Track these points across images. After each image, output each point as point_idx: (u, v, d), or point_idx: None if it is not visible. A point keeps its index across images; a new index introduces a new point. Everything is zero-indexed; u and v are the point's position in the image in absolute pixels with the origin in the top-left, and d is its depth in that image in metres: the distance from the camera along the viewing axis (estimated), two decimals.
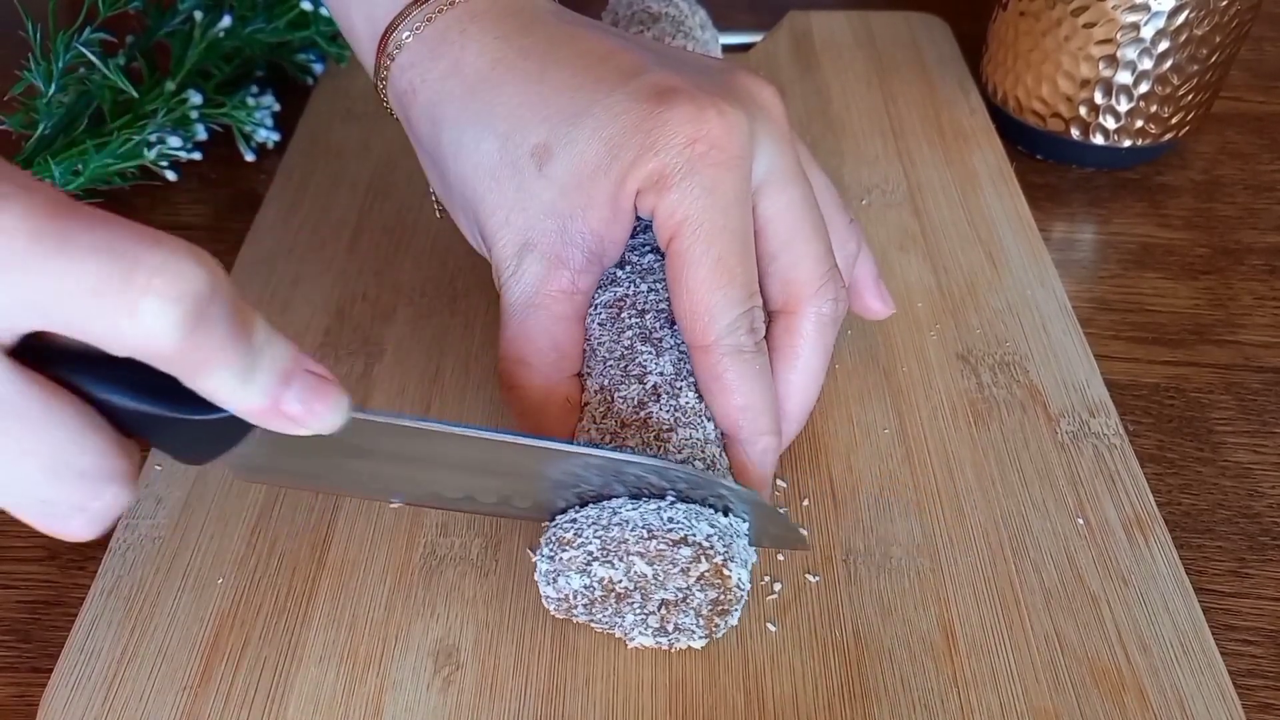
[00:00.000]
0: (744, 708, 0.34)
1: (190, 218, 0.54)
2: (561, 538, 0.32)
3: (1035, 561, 0.38)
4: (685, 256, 0.33)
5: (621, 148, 0.33)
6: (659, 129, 0.32)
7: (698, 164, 0.32)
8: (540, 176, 0.34)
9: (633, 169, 0.33)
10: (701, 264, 0.32)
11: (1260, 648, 0.37)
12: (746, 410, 0.34)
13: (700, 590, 0.32)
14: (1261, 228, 0.54)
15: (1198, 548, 0.40)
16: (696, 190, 0.32)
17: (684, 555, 0.31)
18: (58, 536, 0.26)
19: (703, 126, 0.32)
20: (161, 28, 0.55)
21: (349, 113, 0.59)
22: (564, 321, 0.35)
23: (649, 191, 0.33)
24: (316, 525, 0.39)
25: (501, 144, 0.34)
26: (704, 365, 0.34)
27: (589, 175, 0.33)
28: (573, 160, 0.33)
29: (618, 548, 0.32)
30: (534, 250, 0.34)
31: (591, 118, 0.33)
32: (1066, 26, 0.52)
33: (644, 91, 0.33)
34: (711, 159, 0.32)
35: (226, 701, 0.34)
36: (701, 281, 0.33)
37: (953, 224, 0.51)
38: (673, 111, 0.32)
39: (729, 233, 0.33)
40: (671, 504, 0.32)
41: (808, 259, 0.35)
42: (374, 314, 0.47)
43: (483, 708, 0.34)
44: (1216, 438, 0.43)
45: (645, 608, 0.33)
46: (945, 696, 0.34)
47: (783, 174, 0.34)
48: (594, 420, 0.36)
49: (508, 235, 0.35)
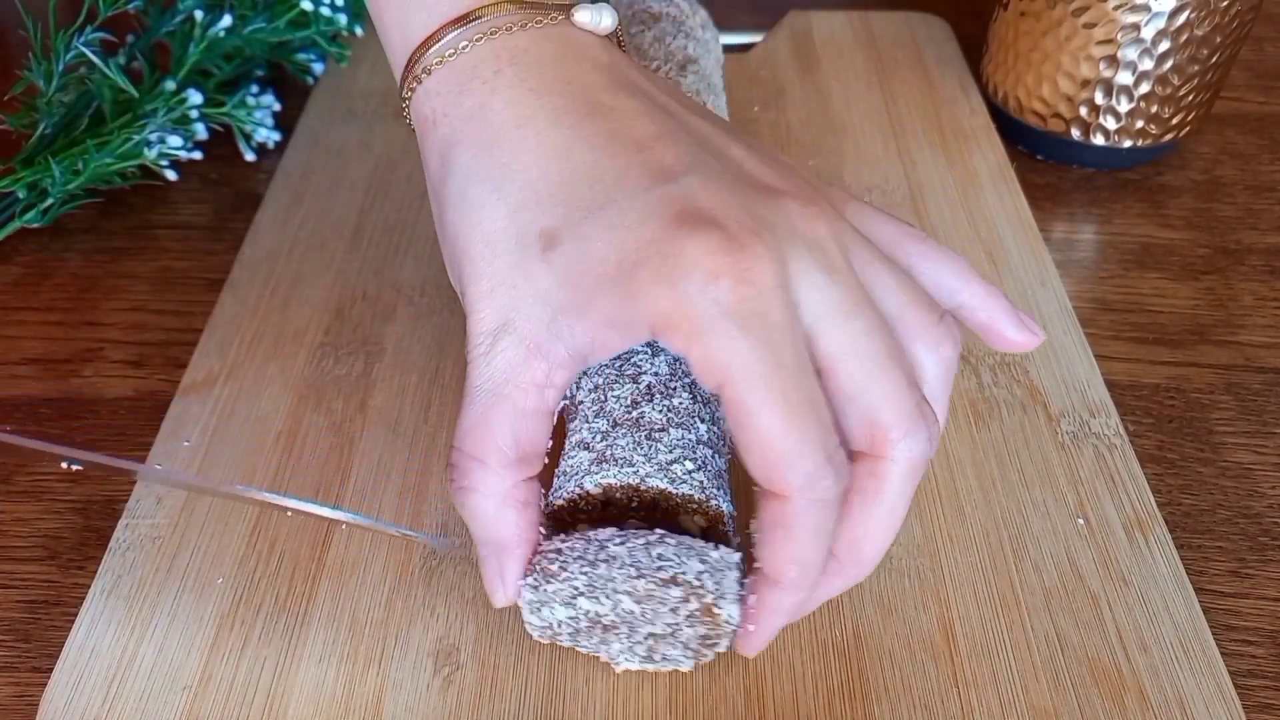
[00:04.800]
0: (744, 708, 0.34)
1: (190, 217, 0.54)
2: (547, 569, 0.32)
3: (1035, 561, 0.38)
4: (745, 405, 0.28)
5: (634, 267, 0.29)
6: (675, 257, 0.28)
7: (725, 302, 0.28)
8: (542, 261, 0.30)
9: (646, 299, 0.29)
10: (765, 410, 0.28)
11: (1260, 648, 0.37)
12: (802, 565, 0.30)
13: (689, 626, 0.32)
14: (1262, 228, 0.54)
15: (1198, 548, 0.40)
16: (733, 331, 0.28)
17: (673, 595, 0.31)
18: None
19: (726, 259, 0.28)
20: (161, 27, 0.55)
21: (349, 113, 0.59)
22: (530, 417, 0.31)
23: (673, 334, 0.29)
24: (316, 525, 0.39)
25: (509, 215, 0.31)
26: (773, 511, 0.29)
27: (595, 281, 0.30)
28: (581, 258, 0.30)
29: (604, 585, 0.31)
30: (513, 333, 0.31)
31: (606, 218, 0.30)
32: (1067, 26, 0.52)
33: (668, 206, 0.29)
34: (739, 294, 0.28)
35: (226, 701, 0.34)
36: (770, 429, 0.28)
37: (953, 224, 0.51)
38: (694, 240, 0.28)
39: (785, 369, 0.28)
40: (661, 539, 0.32)
41: (888, 399, 0.30)
42: (374, 314, 0.47)
43: (483, 708, 0.34)
44: (1217, 438, 0.43)
45: (632, 639, 0.33)
46: (945, 696, 0.34)
47: (837, 308, 0.29)
48: (585, 420, 0.35)
49: (489, 310, 0.31)
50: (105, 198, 0.53)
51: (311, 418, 0.42)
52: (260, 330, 0.46)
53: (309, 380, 0.44)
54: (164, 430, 0.42)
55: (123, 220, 0.53)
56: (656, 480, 0.33)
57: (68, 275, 0.51)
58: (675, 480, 0.33)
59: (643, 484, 0.33)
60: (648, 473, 0.33)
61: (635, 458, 0.34)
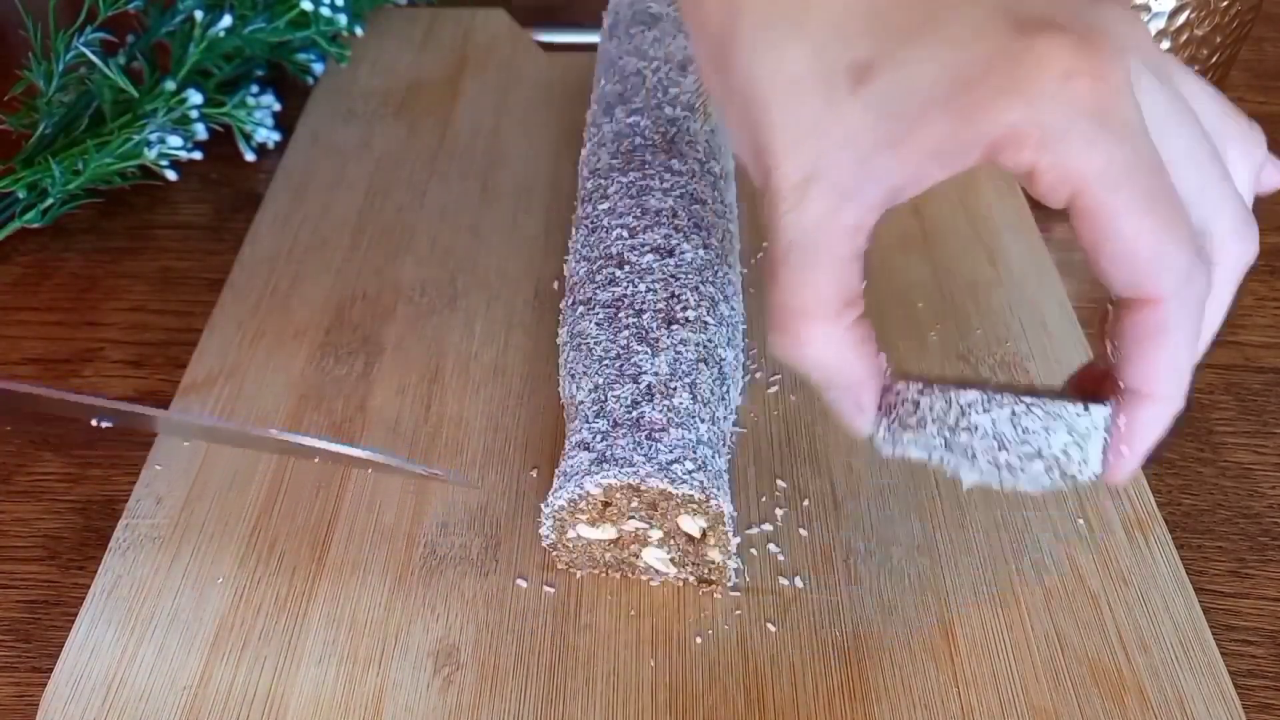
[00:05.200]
0: (744, 708, 0.34)
1: (190, 217, 0.54)
2: (905, 421, 0.31)
3: (1035, 561, 0.38)
4: (1109, 208, 0.27)
5: (974, 82, 0.27)
6: (1026, 66, 0.27)
7: (1085, 103, 0.27)
8: (853, 97, 0.28)
9: (991, 112, 0.27)
10: (1134, 211, 0.27)
11: (1260, 648, 0.37)
12: (1180, 372, 0.29)
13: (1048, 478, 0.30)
14: (1262, 228, 0.54)
15: (1198, 548, 0.40)
16: (1093, 132, 0.27)
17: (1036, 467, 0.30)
18: None
19: (1080, 58, 0.27)
20: (161, 27, 0.55)
21: (349, 113, 0.59)
22: (849, 263, 0.30)
23: (1019, 148, 0.27)
24: (316, 525, 0.39)
25: (814, 53, 0.29)
26: (1144, 320, 0.29)
27: (919, 106, 0.28)
28: (902, 85, 0.28)
29: (963, 450, 0.30)
30: (821, 181, 0.29)
31: (934, 37, 0.28)
32: None
33: (1002, 17, 0.27)
34: (1101, 93, 0.27)
35: (226, 701, 0.34)
36: (1143, 230, 0.27)
37: (953, 224, 0.51)
38: (1043, 43, 0.27)
39: (1149, 168, 0.28)
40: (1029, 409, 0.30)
41: (1225, 203, 0.30)
42: (374, 314, 0.47)
43: (483, 708, 0.34)
44: (1216, 438, 0.43)
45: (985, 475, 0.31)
46: (945, 696, 0.34)
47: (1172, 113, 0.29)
48: (585, 420, 0.36)
49: (794, 162, 0.29)
50: (105, 198, 0.53)
51: (311, 418, 0.42)
52: (260, 330, 0.46)
53: (309, 380, 0.44)
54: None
55: (123, 220, 0.53)
56: (657, 480, 0.33)
57: (68, 275, 0.51)
58: (675, 480, 0.33)
59: (643, 484, 0.33)
60: (648, 473, 0.33)
61: (635, 458, 0.34)
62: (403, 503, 0.39)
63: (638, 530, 0.35)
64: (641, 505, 0.34)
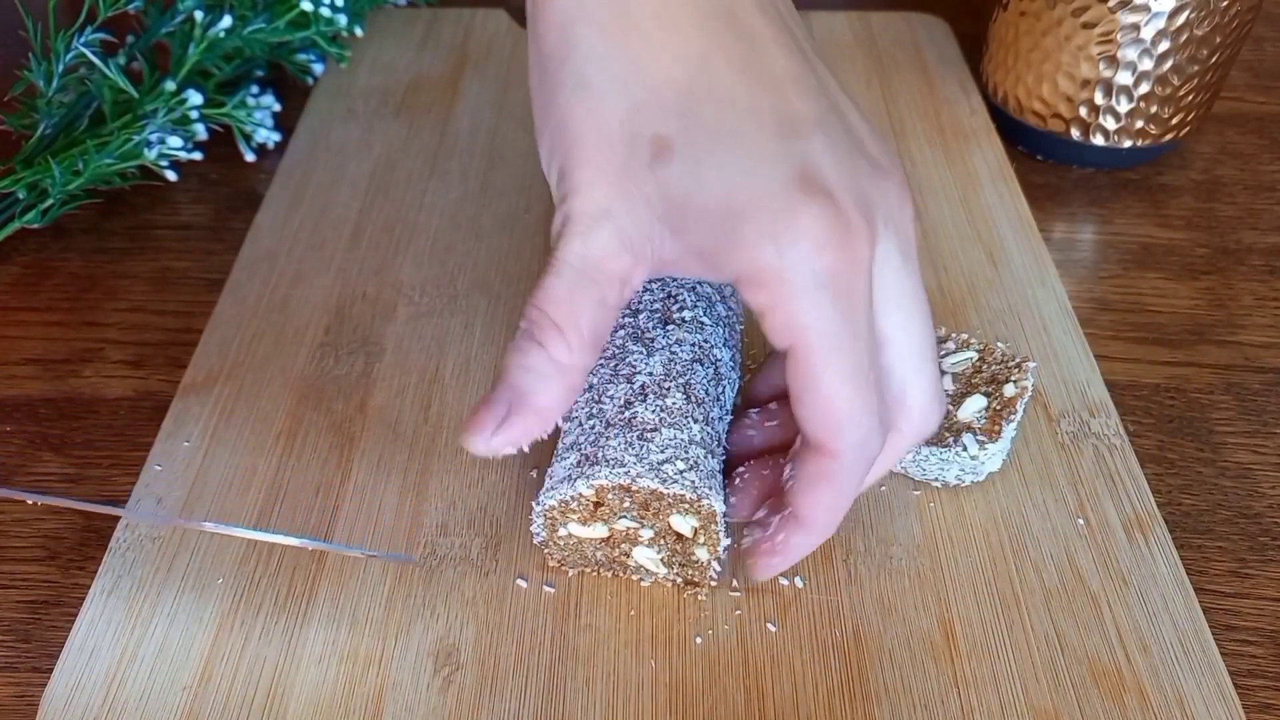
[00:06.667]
0: (744, 708, 0.34)
1: (190, 218, 0.54)
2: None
3: (1035, 561, 0.38)
4: (814, 368, 0.30)
5: (742, 215, 0.30)
6: (789, 223, 0.29)
7: (825, 275, 0.29)
8: (648, 169, 0.30)
9: (747, 249, 0.30)
10: (836, 377, 0.30)
11: (1260, 648, 0.37)
12: (836, 513, 0.33)
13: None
14: (1262, 228, 0.54)
15: (1198, 548, 0.40)
16: (822, 301, 0.29)
17: None
18: None
19: (834, 234, 0.29)
20: (161, 27, 0.55)
21: (349, 113, 0.59)
22: (609, 310, 0.32)
23: (759, 289, 0.30)
24: (316, 525, 0.39)
25: (628, 112, 0.30)
26: (818, 464, 0.32)
27: (698, 210, 0.30)
28: (688, 182, 0.30)
29: None
30: (613, 223, 0.31)
31: (730, 152, 0.30)
32: (1067, 26, 0.52)
33: (791, 165, 0.30)
34: (841, 271, 0.30)
35: (226, 701, 0.34)
36: (839, 395, 0.30)
37: (953, 224, 0.51)
38: (809, 208, 0.29)
39: (858, 342, 0.30)
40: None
41: (921, 382, 0.33)
42: (374, 313, 0.47)
43: (483, 708, 0.34)
44: (1217, 438, 0.43)
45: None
46: (945, 696, 0.34)
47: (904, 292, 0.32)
48: (578, 422, 0.36)
49: (592, 195, 0.31)
50: (105, 198, 0.53)
51: (311, 418, 0.42)
52: (260, 330, 0.46)
53: (309, 380, 0.44)
54: (164, 430, 0.42)
55: (123, 220, 0.53)
56: (648, 480, 0.33)
57: (68, 275, 0.51)
58: (667, 480, 0.33)
59: (634, 484, 0.33)
60: (639, 473, 0.33)
61: (627, 458, 0.34)
62: (402, 503, 0.39)
63: (629, 529, 0.35)
64: (633, 505, 0.34)
